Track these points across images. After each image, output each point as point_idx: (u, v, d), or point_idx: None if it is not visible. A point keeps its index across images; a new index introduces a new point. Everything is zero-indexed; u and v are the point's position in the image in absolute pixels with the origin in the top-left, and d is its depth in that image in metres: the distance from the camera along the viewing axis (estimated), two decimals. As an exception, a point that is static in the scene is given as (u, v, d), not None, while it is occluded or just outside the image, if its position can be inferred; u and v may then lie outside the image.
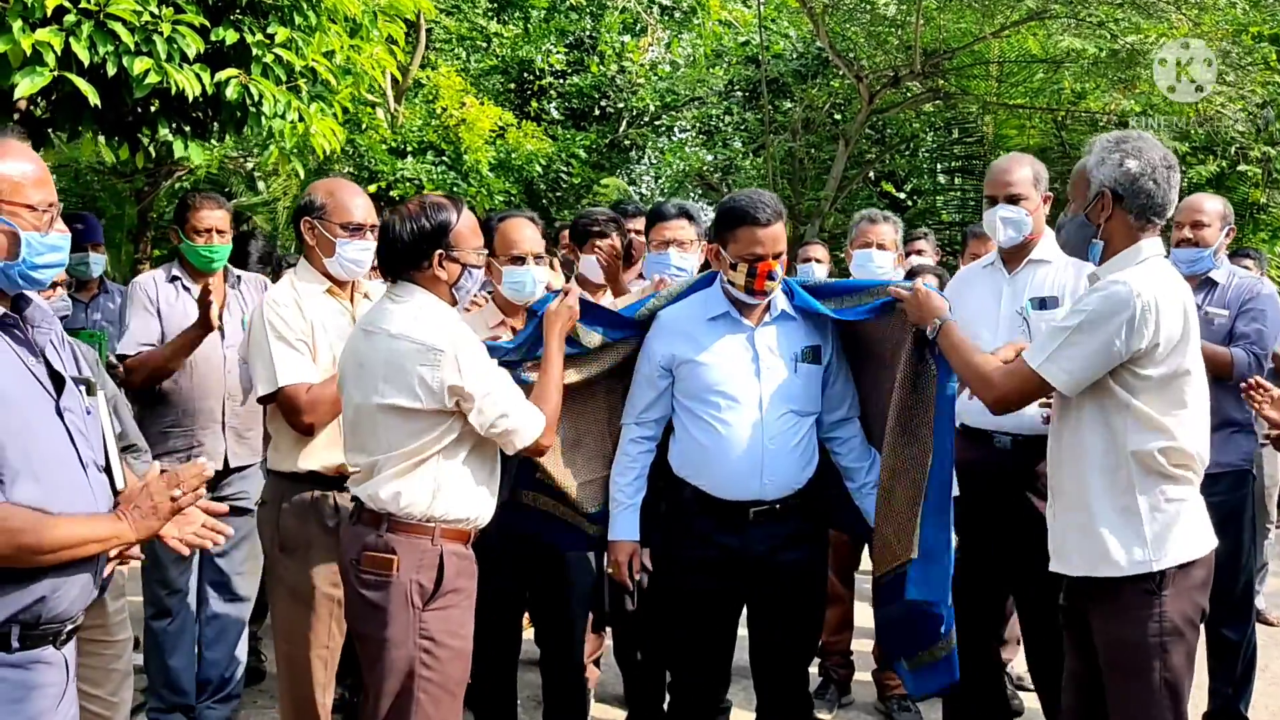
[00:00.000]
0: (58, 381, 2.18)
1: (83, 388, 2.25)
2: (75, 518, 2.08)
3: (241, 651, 4.26)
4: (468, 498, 2.84)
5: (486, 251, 3.08)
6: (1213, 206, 4.29)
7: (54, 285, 3.34)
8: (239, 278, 4.32)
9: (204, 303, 3.77)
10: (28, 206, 2.13)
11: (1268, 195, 11.62)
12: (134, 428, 3.62)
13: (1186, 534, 2.73)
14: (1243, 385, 3.47)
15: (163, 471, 2.20)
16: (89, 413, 2.24)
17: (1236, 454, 4.21)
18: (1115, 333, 2.64)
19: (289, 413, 3.18)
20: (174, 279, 4.16)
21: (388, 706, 2.75)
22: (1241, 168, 10.97)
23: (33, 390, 2.12)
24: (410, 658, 2.73)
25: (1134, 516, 2.70)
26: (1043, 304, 3.57)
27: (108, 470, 2.27)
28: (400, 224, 2.81)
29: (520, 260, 3.47)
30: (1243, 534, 4.24)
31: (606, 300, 3.73)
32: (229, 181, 14.56)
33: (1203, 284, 4.24)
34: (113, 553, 2.21)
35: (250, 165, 14.48)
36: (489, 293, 3.65)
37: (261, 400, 3.29)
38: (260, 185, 15.72)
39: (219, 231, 4.14)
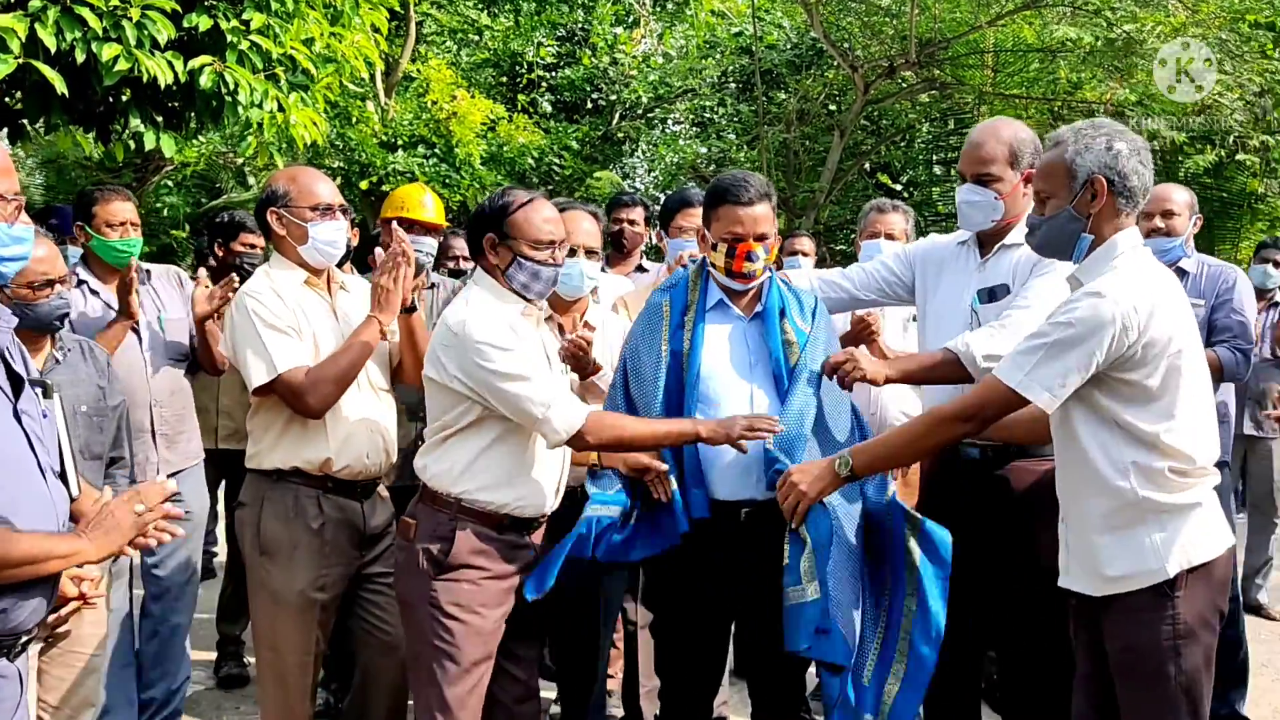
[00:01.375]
0: (16, 384, 2.10)
1: (39, 390, 2.18)
2: (38, 535, 2.03)
3: (184, 664, 4.09)
4: (489, 480, 2.86)
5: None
6: (1181, 196, 4.26)
7: (51, 283, 3.18)
8: (148, 273, 4.05)
9: (123, 290, 3.63)
10: None
11: (1265, 185, 11.53)
12: (127, 438, 3.49)
13: (1198, 534, 2.60)
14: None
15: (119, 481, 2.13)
16: (45, 416, 2.17)
17: None
18: (1096, 347, 2.48)
19: (292, 397, 3.07)
20: (80, 283, 3.88)
21: (413, 666, 2.95)
22: (1240, 157, 10.87)
23: None
24: (421, 622, 2.87)
25: (1141, 528, 2.58)
26: (991, 295, 3.27)
27: (62, 476, 2.20)
28: (479, 205, 3.01)
29: (572, 252, 3.38)
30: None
31: (596, 313, 3.61)
32: (219, 177, 14.43)
33: (1174, 274, 4.15)
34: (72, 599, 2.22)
35: (240, 160, 14.35)
36: None
37: (257, 392, 3.14)
38: (251, 180, 15.59)
39: (132, 224, 3.92)
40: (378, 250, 3.35)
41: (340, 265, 3.46)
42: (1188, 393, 2.58)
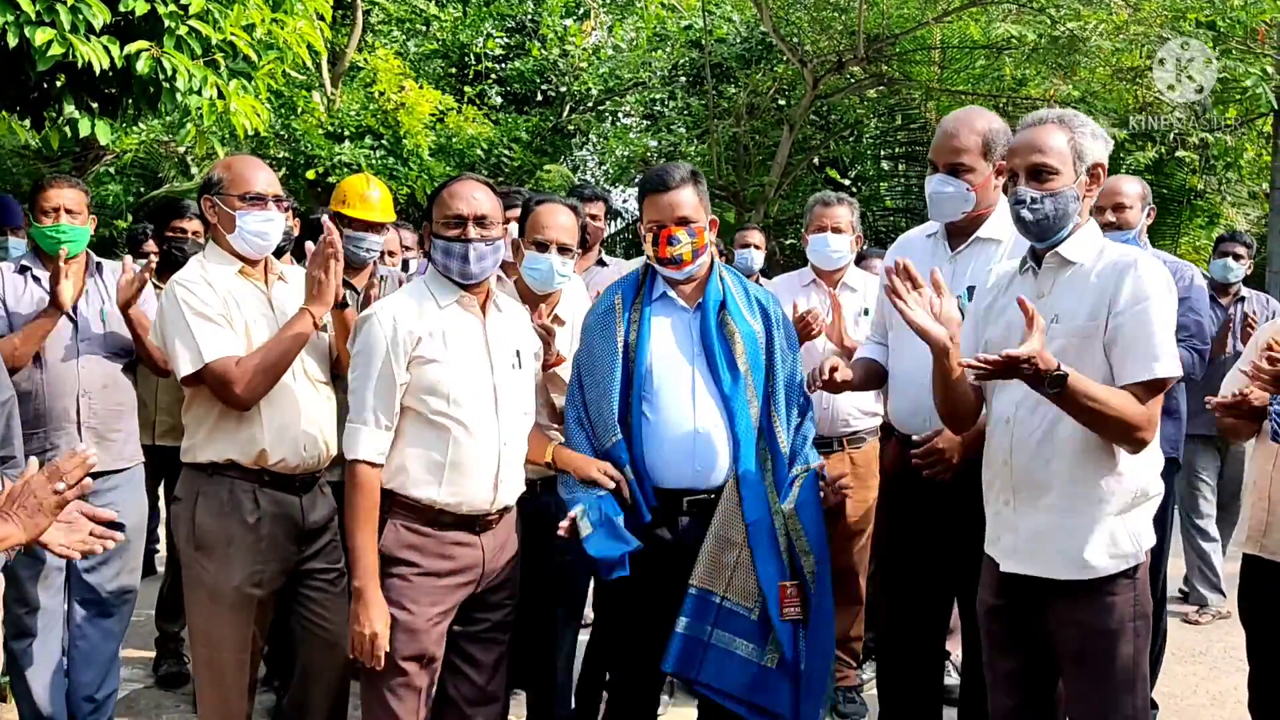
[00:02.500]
0: None
1: None
2: None
3: (115, 674, 3.97)
4: (423, 477, 2.83)
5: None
6: (1132, 188, 4.18)
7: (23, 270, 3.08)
8: (99, 265, 3.98)
9: (54, 281, 3.56)
10: None
11: (1204, 181, 11.76)
12: (18, 435, 3.37)
13: (1150, 519, 2.70)
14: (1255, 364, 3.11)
15: (41, 466, 2.04)
16: None
17: (1163, 441, 4.07)
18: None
19: (221, 387, 3.00)
20: (23, 269, 3.84)
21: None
22: (1180, 154, 11.07)
23: None
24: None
25: (1135, 512, 2.63)
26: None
27: None
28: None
29: (543, 246, 3.37)
30: (1165, 525, 4.11)
31: (567, 307, 3.57)
32: (160, 166, 14.16)
33: None
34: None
35: (183, 149, 14.09)
36: (514, 278, 3.53)
37: (185, 381, 3.08)
38: (194, 170, 15.33)
39: (69, 211, 3.82)
40: (308, 244, 3.28)
41: (279, 255, 3.40)
42: None
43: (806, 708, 2.96)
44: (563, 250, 3.38)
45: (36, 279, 3.82)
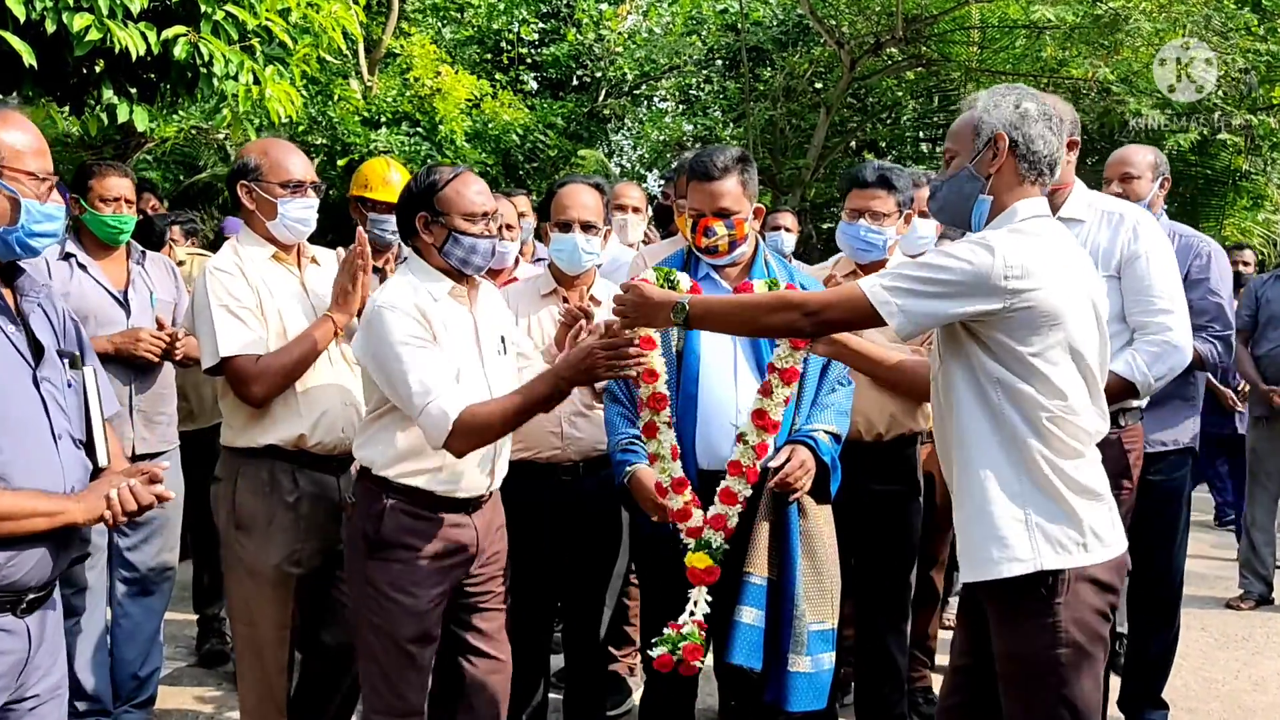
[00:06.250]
0: (37, 350, 2.21)
1: (66, 360, 2.28)
2: (24, 493, 2.08)
3: (157, 651, 4.03)
4: (414, 465, 2.82)
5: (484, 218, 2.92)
6: (1142, 157, 3.97)
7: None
8: (144, 253, 4.04)
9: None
10: (28, 174, 2.19)
11: (1250, 162, 11.53)
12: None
13: (1088, 532, 2.36)
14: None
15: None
16: (70, 385, 2.26)
17: (1181, 432, 3.92)
18: (968, 292, 2.29)
19: (236, 383, 3.08)
20: (67, 256, 3.81)
21: (356, 642, 2.93)
22: (1222, 136, 10.85)
23: (9, 357, 2.15)
24: (360, 600, 2.88)
25: (1023, 509, 2.35)
26: None
27: (89, 445, 2.27)
28: (405, 188, 2.90)
29: (566, 227, 3.40)
30: (1179, 520, 3.98)
31: (602, 287, 3.58)
32: (200, 153, 14.28)
33: None
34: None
35: (222, 135, 14.21)
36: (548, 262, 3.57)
37: (208, 372, 3.16)
38: (233, 156, 15.46)
39: (127, 201, 3.87)
40: (359, 230, 3.31)
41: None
42: (1081, 374, 2.39)
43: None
44: (586, 228, 3.39)
45: (83, 266, 3.84)
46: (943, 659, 4.65)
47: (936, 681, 4.42)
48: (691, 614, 2.85)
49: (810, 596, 2.89)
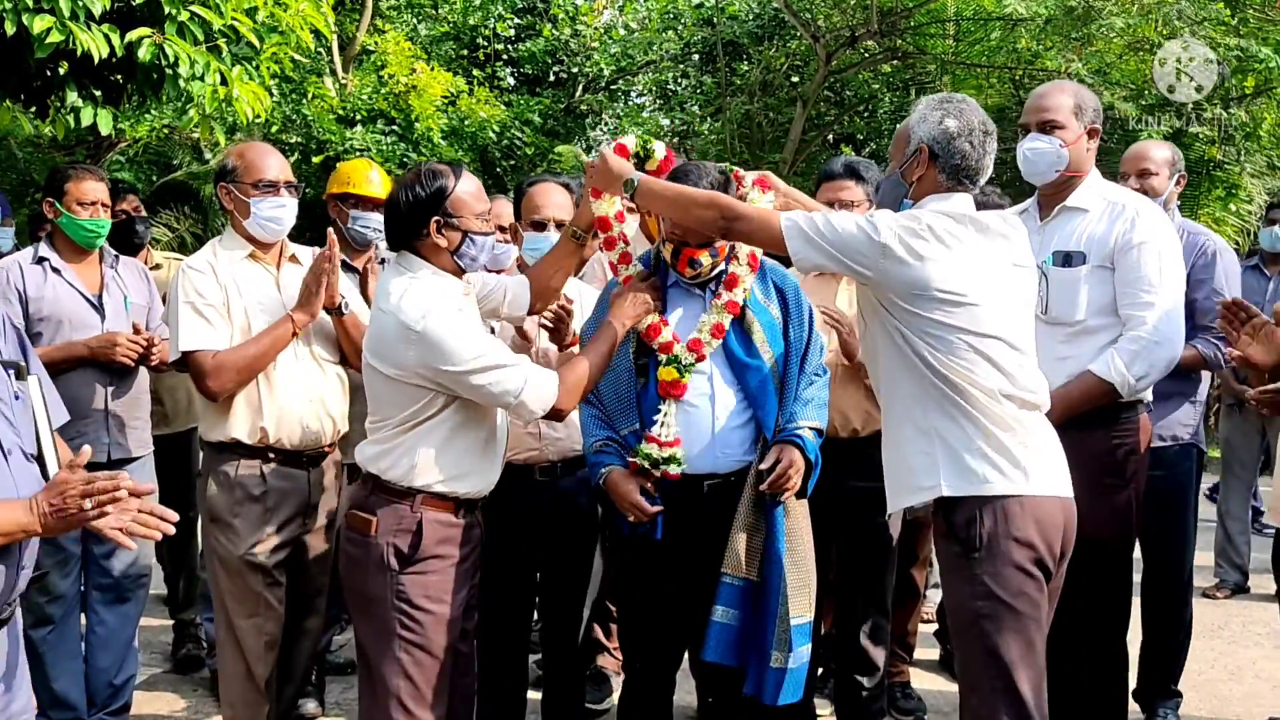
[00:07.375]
0: None
1: (11, 372, 2.19)
2: None
3: (133, 658, 3.98)
4: (454, 471, 2.81)
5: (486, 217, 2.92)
6: (1161, 154, 3.97)
7: None
8: (116, 257, 4.03)
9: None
10: None
11: (1223, 152, 11.58)
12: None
13: (996, 465, 2.62)
14: (1220, 313, 3.00)
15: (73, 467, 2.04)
16: (17, 398, 2.18)
17: (1181, 426, 3.93)
18: (849, 254, 2.63)
19: (194, 377, 3.22)
20: (40, 260, 3.81)
21: (374, 662, 2.81)
22: (1193, 129, 10.90)
23: None
24: (388, 617, 2.77)
25: (929, 442, 2.66)
26: (1067, 260, 3.19)
27: (39, 459, 2.19)
28: (399, 193, 2.80)
29: (540, 226, 3.44)
30: (1186, 515, 3.99)
31: (573, 286, 3.54)
32: (174, 152, 14.16)
33: None
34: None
35: (196, 135, 14.09)
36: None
37: (175, 367, 3.33)
38: (208, 155, 15.33)
39: (103, 205, 3.85)
40: (330, 231, 3.34)
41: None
42: (998, 356, 2.66)
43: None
44: (560, 226, 3.37)
45: (57, 270, 3.82)
46: (922, 653, 4.70)
47: (915, 676, 4.43)
48: (663, 426, 2.92)
49: (791, 592, 2.89)
